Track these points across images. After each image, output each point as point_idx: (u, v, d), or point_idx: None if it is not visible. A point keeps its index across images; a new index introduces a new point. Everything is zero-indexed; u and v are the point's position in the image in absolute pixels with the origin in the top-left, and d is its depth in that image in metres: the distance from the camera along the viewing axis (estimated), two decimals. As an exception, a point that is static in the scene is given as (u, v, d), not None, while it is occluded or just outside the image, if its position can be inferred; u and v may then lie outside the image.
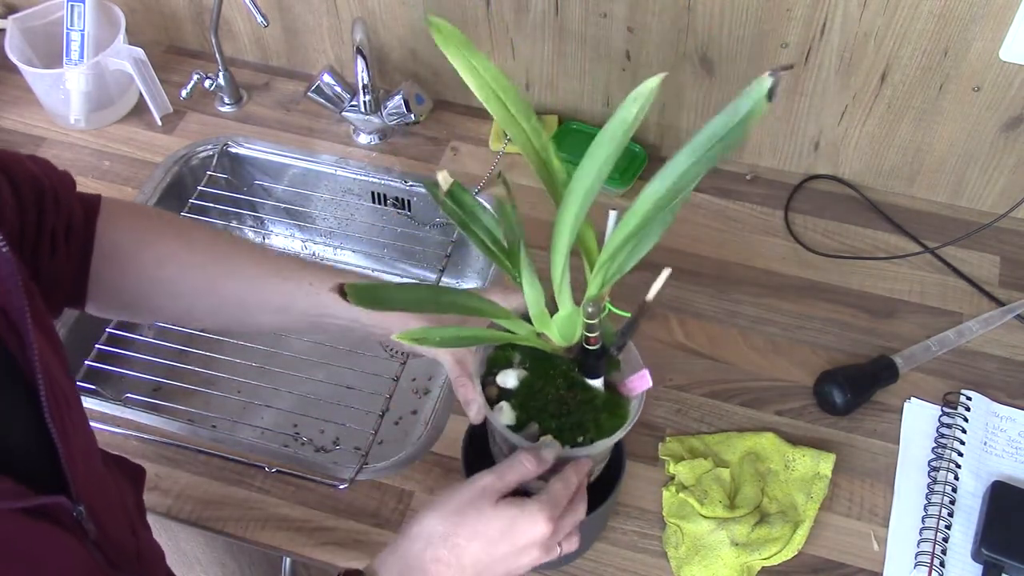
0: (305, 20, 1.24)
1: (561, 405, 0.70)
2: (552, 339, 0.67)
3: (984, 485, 0.89)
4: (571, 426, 0.69)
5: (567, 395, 0.70)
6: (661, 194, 0.53)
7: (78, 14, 1.18)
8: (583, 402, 0.70)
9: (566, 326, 0.66)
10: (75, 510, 0.57)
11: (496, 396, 0.71)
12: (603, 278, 0.62)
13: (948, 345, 1.00)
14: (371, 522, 0.88)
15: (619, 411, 0.70)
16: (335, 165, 1.21)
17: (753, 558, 0.84)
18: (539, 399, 0.70)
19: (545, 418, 0.69)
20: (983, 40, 0.97)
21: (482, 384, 0.71)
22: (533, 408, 0.69)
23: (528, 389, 0.70)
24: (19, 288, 0.54)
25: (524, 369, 0.72)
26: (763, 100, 0.46)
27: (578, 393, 0.70)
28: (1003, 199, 1.11)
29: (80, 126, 1.24)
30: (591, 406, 0.70)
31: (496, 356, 0.73)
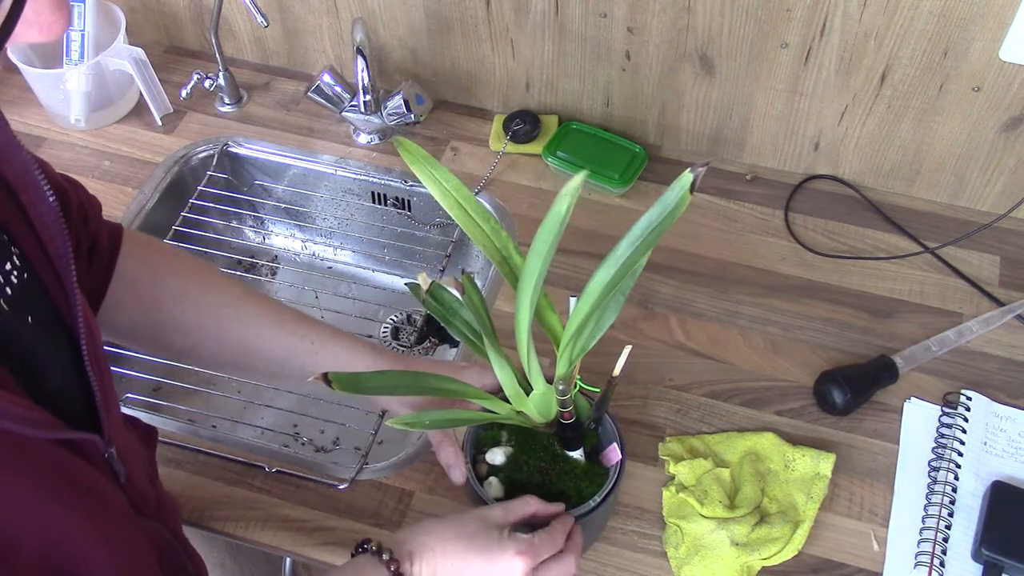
0: (305, 20, 1.24)
1: (544, 476, 0.78)
2: (531, 416, 0.74)
3: (984, 485, 0.89)
4: (555, 495, 0.76)
5: (549, 467, 0.78)
6: (608, 279, 0.60)
7: (78, 14, 1.18)
8: (564, 472, 0.78)
9: (541, 403, 0.73)
10: (106, 451, 0.60)
11: (486, 473, 0.78)
12: (569, 357, 0.68)
13: (948, 345, 1.00)
14: (371, 522, 0.88)
15: (598, 479, 0.77)
16: (335, 165, 1.21)
17: (753, 558, 0.84)
18: (524, 472, 0.78)
19: (530, 488, 0.76)
20: (983, 40, 0.97)
21: (472, 462, 0.78)
22: (519, 481, 0.77)
23: (514, 464, 0.78)
24: (64, 237, 0.56)
25: (510, 446, 0.79)
26: (687, 192, 0.54)
27: (559, 464, 0.78)
28: (1003, 199, 1.11)
29: (80, 126, 1.24)
30: (572, 475, 0.78)
31: (484, 436, 0.80)
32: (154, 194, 1.18)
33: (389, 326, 1.21)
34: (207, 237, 1.23)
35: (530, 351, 0.67)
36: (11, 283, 0.53)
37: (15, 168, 0.54)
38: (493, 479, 0.77)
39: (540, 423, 0.75)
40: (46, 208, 0.56)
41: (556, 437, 0.78)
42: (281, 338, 0.78)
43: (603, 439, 0.79)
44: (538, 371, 0.70)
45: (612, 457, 0.77)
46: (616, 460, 0.76)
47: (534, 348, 0.67)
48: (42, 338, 0.56)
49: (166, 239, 1.13)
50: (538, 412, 0.74)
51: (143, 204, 1.16)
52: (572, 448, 0.78)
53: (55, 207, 0.56)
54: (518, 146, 1.20)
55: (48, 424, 0.52)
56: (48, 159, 1.20)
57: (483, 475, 0.78)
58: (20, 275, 0.54)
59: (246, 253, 1.31)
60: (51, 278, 0.57)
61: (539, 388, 0.71)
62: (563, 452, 0.78)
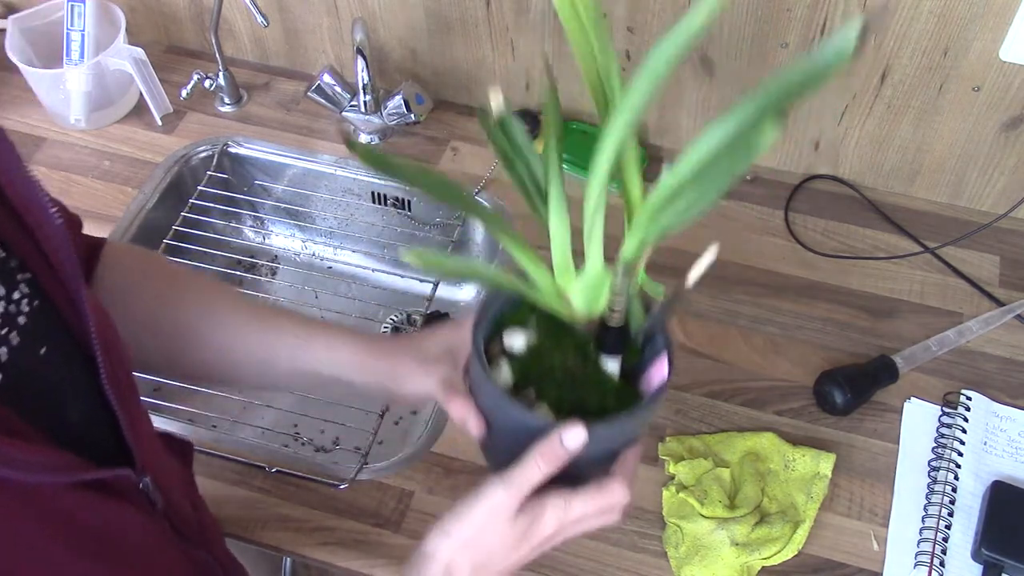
0: (305, 20, 1.24)
1: (566, 377, 0.61)
2: (573, 303, 0.60)
3: (984, 485, 0.89)
4: (572, 402, 0.60)
5: (575, 368, 0.62)
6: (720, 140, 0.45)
7: (78, 14, 1.18)
8: (592, 381, 0.62)
9: (591, 289, 0.58)
10: (141, 481, 0.56)
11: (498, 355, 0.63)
12: (643, 237, 0.53)
13: (948, 345, 1.00)
14: (371, 522, 0.88)
15: (629, 402, 0.61)
16: (335, 165, 1.21)
17: (753, 558, 0.84)
18: (544, 365, 0.62)
19: (546, 385, 0.61)
20: (983, 40, 0.97)
21: (485, 344, 0.62)
22: (535, 374, 0.61)
23: (534, 354, 0.63)
24: (73, 258, 0.53)
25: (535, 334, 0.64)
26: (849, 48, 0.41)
27: (588, 370, 0.62)
28: (1003, 199, 1.11)
29: (80, 126, 1.24)
30: (599, 388, 0.62)
31: (509, 317, 0.65)
32: (154, 194, 1.18)
33: (389, 326, 1.21)
34: (207, 237, 1.23)
35: (597, 210, 0.53)
36: (23, 312, 0.51)
37: (18, 189, 0.52)
38: (504, 363, 0.62)
39: (581, 317, 0.60)
40: (53, 230, 0.53)
41: (593, 339, 0.62)
42: (261, 336, 0.72)
43: (647, 362, 0.63)
44: (599, 242, 0.55)
45: (656, 376, 0.61)
46: (661, 381, 0.60)
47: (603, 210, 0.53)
48: (58, 368, 0.52)
49: (166, 239, 1.13)
50: (583, 299, 0.59)
51: (143, 204, 1.16)
52: (609, 352, 0.62)
53: (62, 227, 0.53)
54: (518, 146, 1.20)
55: (66, 466, 0.48)
56: (48, 159, 1.21)
57: (494, 356, 0.63)
58: (31, 302, 0.52)
59: (246, 253, 1.31)
60: (64, 301, 0.54)
61: (594, 267, 0.57)
62: (596, 358, 0.62)
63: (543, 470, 0.57)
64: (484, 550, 0.60)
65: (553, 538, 0.62)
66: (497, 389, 0.58)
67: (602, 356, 0.62)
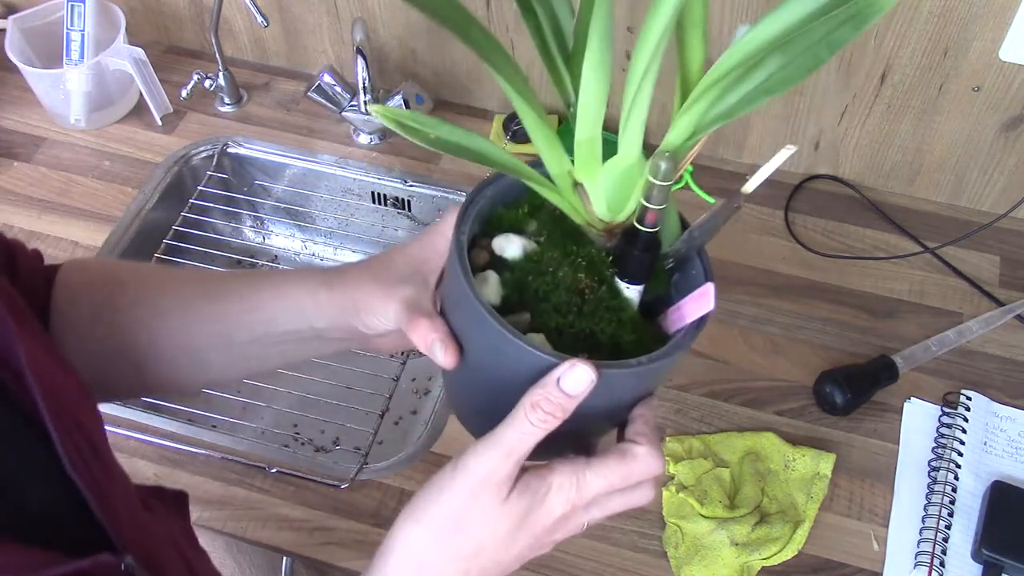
0: (305, 20, 1.24)
1: (573, 299, 0.47)
2: (591, 202, 0.47)
3: (984, 485, 0.89)
4: (577, 334, 0.47)
5: (587, 286, 0.48)
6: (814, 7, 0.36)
7: (78, 14, 1.18)
8: (604, 306, 0.48)
9: (620, 183, 0.45)
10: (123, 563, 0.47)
11: (484, 266, 0.49)
12: (697, 119, 0.42)
13: (948, 345, 1.00)
14: (371, 522, 0.88)
15: (650, 341, 0.48)
16: (335, 165, 1.21)
17: (753, 558, 0.84)
18: (543, 282, 0.47)
19: (545, 311, 0.47)
20: (983, 40, 0.97)
21: (469, 246, 0.48)
22: (531, 293, 0.48)
23: (532, 267, 0.48)
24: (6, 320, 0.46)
25: (536, 241, 0.50)
26: None
27: (602, 293, 0.48)
28: (1003, 199, 1.11)
29: (80, 126, 1.24)
30: (613, 317, 0.48)
31: (503, 215, 0.51)
32: (154, 194, 1.18)
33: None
34: (207, 237, 1.23)
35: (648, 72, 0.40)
36: None
37: None
38: (491, 274, 0.48)
39: (599, 222, 0.48)
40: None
41: (612, 254, 0.49)
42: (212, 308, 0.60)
43: (677, 292, 0.50)
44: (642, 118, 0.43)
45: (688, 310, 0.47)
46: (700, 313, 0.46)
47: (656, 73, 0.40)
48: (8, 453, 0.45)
49: (166, 239, 1.13)
50: (607, 197, 0.46)
51: (143, 204, 1.16)
52: (631, 276, 0.48)
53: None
54: (518, 146, 1.20)
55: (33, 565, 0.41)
56: (48, 159, 1.21)
57: (479, 265, 0.49)
58: None
59: (246, 253, 1.31)
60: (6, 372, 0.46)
61: (630, 152, 0.44)
62: (612, 278, 0.49)
63: (538, 426, 0.44)
64: (469, 543, 0.47)
65: (564, 525, 0.48)
66: (480, 305, 0.44)
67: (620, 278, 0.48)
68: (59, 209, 1.15)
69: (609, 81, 0.42)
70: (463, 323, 0.48)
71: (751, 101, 0.41)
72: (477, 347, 0.47)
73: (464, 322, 0.47)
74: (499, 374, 0.46)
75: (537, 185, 0.46)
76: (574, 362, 0.42)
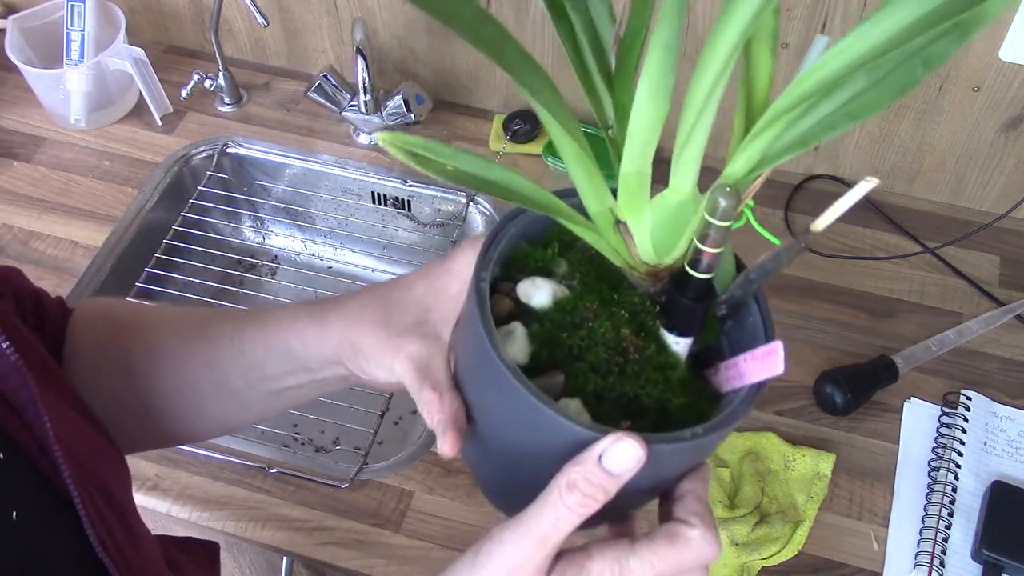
0: (305, 20, 1.24)
1: (614, 357, 0.40)
2: (635, 243, 0.40)
3: (984, 485, 0.89)
4: (619, 398, 0.40)
5: (631, 343, 0.41)
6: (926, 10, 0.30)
7: (78, 14, 1.18)
8: (651, 365, 0.41)
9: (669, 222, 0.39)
10: None
11: (507, 316, 0.42)
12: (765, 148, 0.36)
13: (948, 345, 1.00)
14: (371, 522, 0.88)
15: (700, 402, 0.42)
16: (335, 165, 1.21)
17: (753, 558, 0.84)
18: (579, 337, 0.40)
19: (581, 371, 0.40)
20: (983, 40, 0.97)
21: (490, 290, 0.41)
22: (563, 350, 0.41)
23: (565, 318, 0.41)
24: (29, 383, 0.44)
25: (568, 286, 0.43)
26: None
27: (647, 349, 0.41)
28: (1003, 199, 1.11)
29: (80, 126, 1.24)
30: (660, 377, 0.41)
31: (530, 254, 0.44)
32: (154, 194, 1.18)
33: (389, 326, 1.21)
34: (207, 237, 1.23)
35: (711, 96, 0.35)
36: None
37: None
38: (518, 327, 0.41)
39: (642, 265, 0.41)
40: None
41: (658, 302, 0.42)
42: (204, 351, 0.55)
43: (733, 342, 0.44)
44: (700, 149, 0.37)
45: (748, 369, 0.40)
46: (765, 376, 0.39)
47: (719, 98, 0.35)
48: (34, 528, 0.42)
49: (166, 239, 1.13)
50: (653, 238, 0.40)
51: (143, 204, 1.16)
52: (680, 331, 0.41)
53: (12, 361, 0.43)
54: (518, 146, 1.20)
55: None
56: (48, 159, 1.21)
57: (502, 315, 0.42)
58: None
59: (246, 253, 1.31)
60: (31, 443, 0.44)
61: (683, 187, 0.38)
62: (658, 331, 0.42)
63: (576, 511, 0.37)
64: None
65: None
66: (505, 368, 0.37)
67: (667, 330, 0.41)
68: (59, 209, 1.15)
69: (667, 107, 0.36)
70: (483, 387, 0.41)
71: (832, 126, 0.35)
72: (501, 415, 0.40)
73: (484, 386, 0.41)
74: (528, 447, 0.39)
75: (572, 224, 0.40)
76: (619, 435, 0.36)
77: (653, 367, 0.41)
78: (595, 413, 0.39)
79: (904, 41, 0.31)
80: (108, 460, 0.49)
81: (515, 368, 0.37)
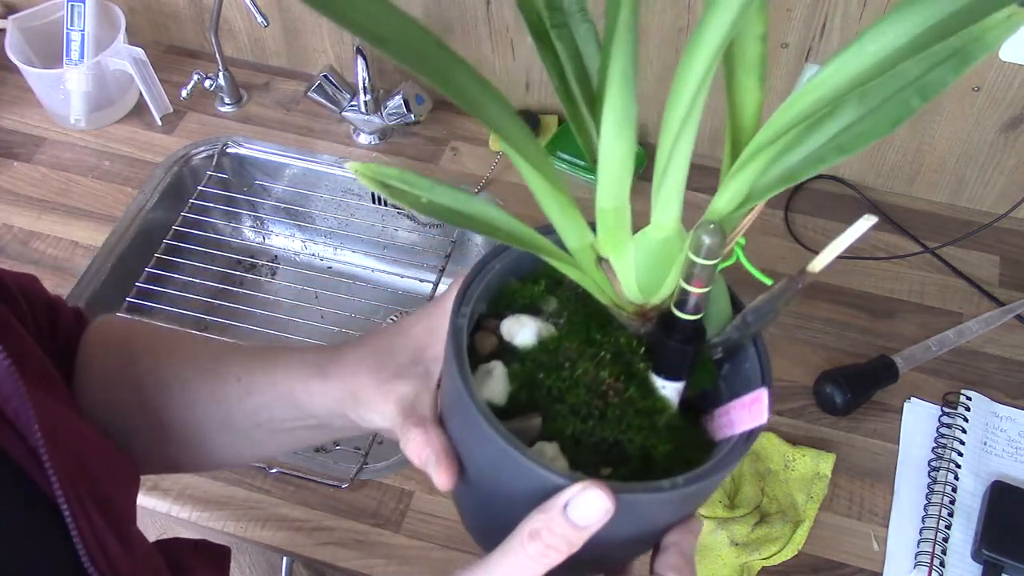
0: (305, 20, 1.24)
1: (595, 400, 0.39)
2: (619, 281, 0.39)
3: (984, 485, 0.89)
4: (599, 443, 0.39)
5: (611, 387, 0.39)
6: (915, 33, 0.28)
7: (78, 14, 1.18)
8: (633, 409, 0.40)
9: (653, 260, 0.37)
10: None
11: (490, 354, 0.41)
12: (751, 182, 0.35)
13: (948, 345, 1.00)
14: (371, 522, 0.88)
15: (689, 450, 0.40)
16: (335, 165, 1.21)
17: (753, 558, 0.84)
18: (558, 378, 0.39)
19: (560, 413, 0.39)
20: (983, 40, 0.97)
21: (475, 328, 0.41)
22: (542, 391, 0.39)
23: (547, 358, 0.40)
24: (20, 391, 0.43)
25: (554, 324, 0.42)
26: None
27: (632, 390, 0.40)
28: (1003, 199, 1.11)
29: (80, 126, 1.24)
30: (644, 423, 0.40)
31: (516, 290, 0.43)
32: (154, 194, 1.18)
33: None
34: (207, 237, 1.23)
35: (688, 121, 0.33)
36: None
37: None
38: (498, 366, 0.40)
39: (629, 304, 0.40)
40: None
41: (646, 343, 0.41)
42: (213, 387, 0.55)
43: (731, 387, 0.42)
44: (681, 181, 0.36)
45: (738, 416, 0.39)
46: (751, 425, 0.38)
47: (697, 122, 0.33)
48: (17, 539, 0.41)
49: (166, 239, 1.13)
50: (638, 277, 0.38)
51: (143, 204, 1.16)
52: (668, 374, 0.40)
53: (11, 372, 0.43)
54: (518, 146, 1.20)
55: None
56: (48, 159, 1.21)
57: (484, 354, 0.41)
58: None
59: (246, 253, 1.31)
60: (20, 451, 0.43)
61: (664, 223, 0.37)
62: (646, 373, 0.40)
63: (537, 560, 0.35)
64: None
65: None
66: (474, 406, 0.36)
67: (655, 373, 0.40)
68: (59, 209, 1.15)
69: (634, 138, 0.35)
70: (459, 425, 0.40)
71: (820, 160, 0.33)
72: (476, 455, 0.39)
73: (460, 424, 0.40)
74: (503, 490, 0.38)
75: (555, 261, 0.38)
76: (586, 484, 0.34)
77: (636, 411, 0.39)
78: (573, 458, 0.38)
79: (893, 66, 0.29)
80: (113, 469, 0.48)
81: (486, 410, 0.36)
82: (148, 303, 1.09)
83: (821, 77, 0.31)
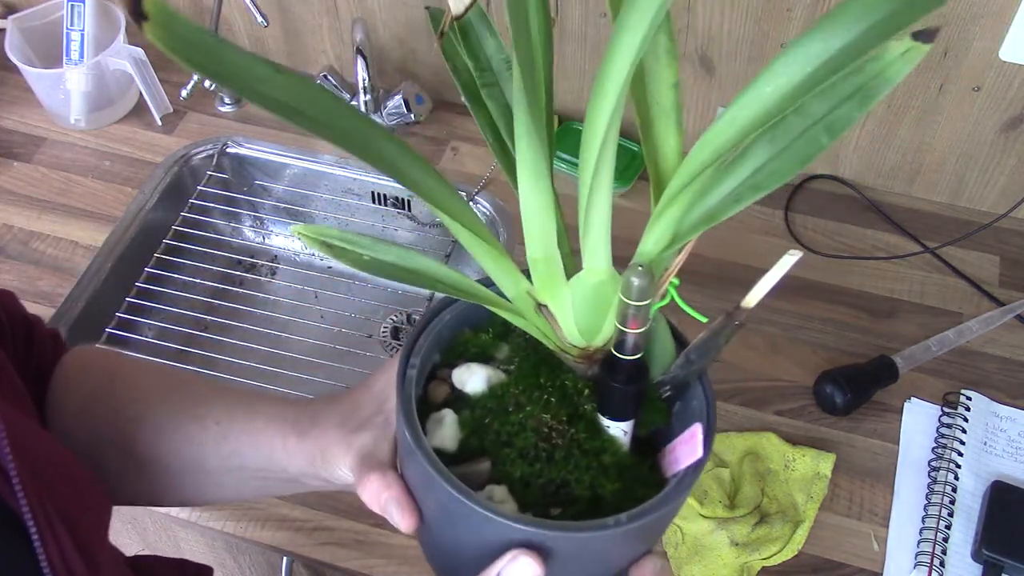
0: (305, 20, 1.24)
1: (542, 443, 0.40)
2: (560, 327, 0.39)
3: (984, 485, 0.89)
4: (547, 484, 0.40)
5: (558, 429, 0.40)
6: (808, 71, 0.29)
7: (78, 14, 1.18)
8: (581, 450, 0.40)
9: (590, 304, 0.38)
10: None
11: (443, 402, 0.43)
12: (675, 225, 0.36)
13: (948, 345, 1.00)
14: (371, 522, 0.88)
15: (640, 487, 0.41)
16: (335, 165, 1.21)
17: (753, 558, 0.84)
18: (506, 423, 0.41)
19: (508, 457, 0.40)
20: (983, 40, 0.97)
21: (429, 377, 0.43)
22: (491, 436, 0.41)
23: (496, 403, 0.41)
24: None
25: (505, 372, 0.43)
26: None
27: (579, 432, 0.41)
28: (1003, 199, 1.11)
29: (80, 126, 1.24)
30: (592, 462, 0.40)
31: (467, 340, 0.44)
32: (154, 194, 1.18)
33: (389, 326, 1.21)
34: (207, 237, 1.23)
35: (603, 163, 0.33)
36: None
37: None
38: (448, 413, 0.42)
39: (572, 348, 0.41)
40: None
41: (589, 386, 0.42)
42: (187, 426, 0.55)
43: (679, 424, 0.43)
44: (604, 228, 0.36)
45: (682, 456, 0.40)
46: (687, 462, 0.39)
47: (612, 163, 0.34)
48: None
49: (166, 239, 1.13)
50: (576, 321, 0.39)
51: (143, 204, 1.16)
52: (613, 415, 0.41)
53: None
54: (518, 146, 1.20)
55: None
56: (48, 159, 1.21)
57: (438, 403, 0.43)
58: None
59: (246, 253, 1.31)
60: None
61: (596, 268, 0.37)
62: (594, 415, 0.42)
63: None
64: None
65: None
66: (420, 453, 0.38)
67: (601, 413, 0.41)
68: (59, 209, 1.15)
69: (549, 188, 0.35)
70: (413, 475, 0.41)
71: (738, 200, 0.34)
72: (430, 501, 0.41)
73: (414, 474, 0.41)
74: (458, 532, 0.39)
75: (498, 309, 0.39)
76: (515, 553, 0.35)
77: (583, 452, 0.40)
78: (523, 500, 0.39)
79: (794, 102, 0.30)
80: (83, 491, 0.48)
81: (433, 456, 0.38)
82: (148, 303, 1.09)
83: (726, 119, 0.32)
